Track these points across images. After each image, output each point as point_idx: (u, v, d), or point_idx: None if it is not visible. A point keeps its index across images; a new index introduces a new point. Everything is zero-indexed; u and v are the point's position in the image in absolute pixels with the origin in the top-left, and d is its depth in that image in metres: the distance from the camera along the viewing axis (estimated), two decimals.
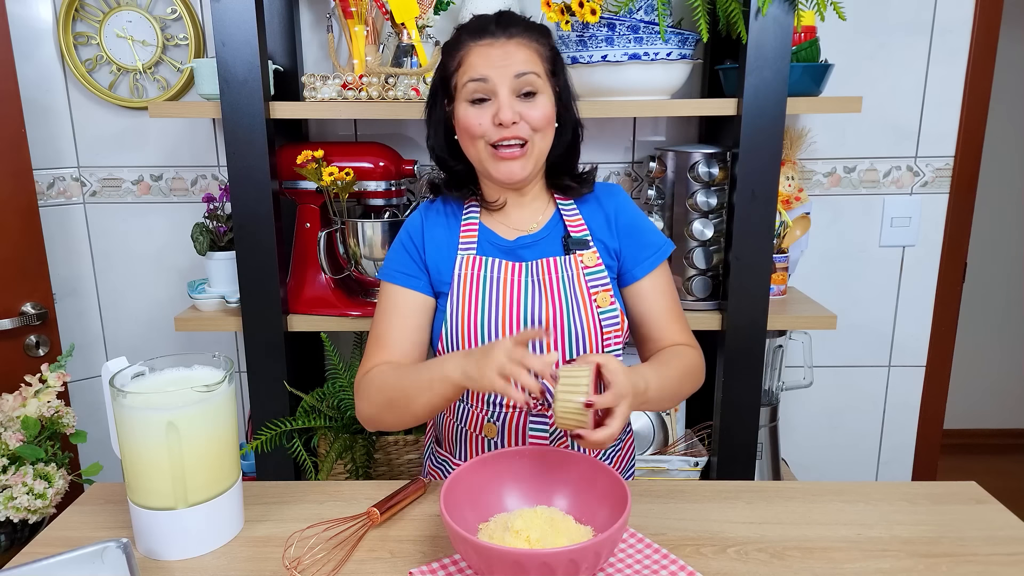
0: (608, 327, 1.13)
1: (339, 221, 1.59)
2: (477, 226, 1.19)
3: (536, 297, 1.13)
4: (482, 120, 1.08)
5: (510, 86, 1.07)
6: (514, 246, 1.17)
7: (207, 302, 1.68)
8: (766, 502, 1.09)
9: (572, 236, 1.17)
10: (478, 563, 0.83)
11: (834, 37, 1.71)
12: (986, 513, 1.06)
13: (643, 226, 1.20)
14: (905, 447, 2.03)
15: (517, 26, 1.09)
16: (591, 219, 1.19)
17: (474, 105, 1.09)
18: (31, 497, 1.15)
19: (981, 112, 1.81)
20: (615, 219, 1.19)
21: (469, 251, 1.16)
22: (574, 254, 1.16)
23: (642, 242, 1.18)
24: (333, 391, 1.67)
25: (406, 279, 1.17)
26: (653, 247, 1.19)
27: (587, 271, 1.15)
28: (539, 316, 1.12)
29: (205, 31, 1.80)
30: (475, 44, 1.08)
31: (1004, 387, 3.29)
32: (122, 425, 0.93)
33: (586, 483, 0.97)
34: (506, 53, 1.07)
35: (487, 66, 1.07)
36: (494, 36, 1.08)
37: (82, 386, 1.96)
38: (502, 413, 1.15)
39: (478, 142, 1.10)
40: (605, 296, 1.14)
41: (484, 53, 1.07)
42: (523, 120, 1.07)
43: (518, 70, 1.06)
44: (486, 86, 1.07)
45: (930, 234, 1.89)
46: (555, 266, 1.15)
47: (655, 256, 1.18)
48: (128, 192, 1.89)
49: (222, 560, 0.96)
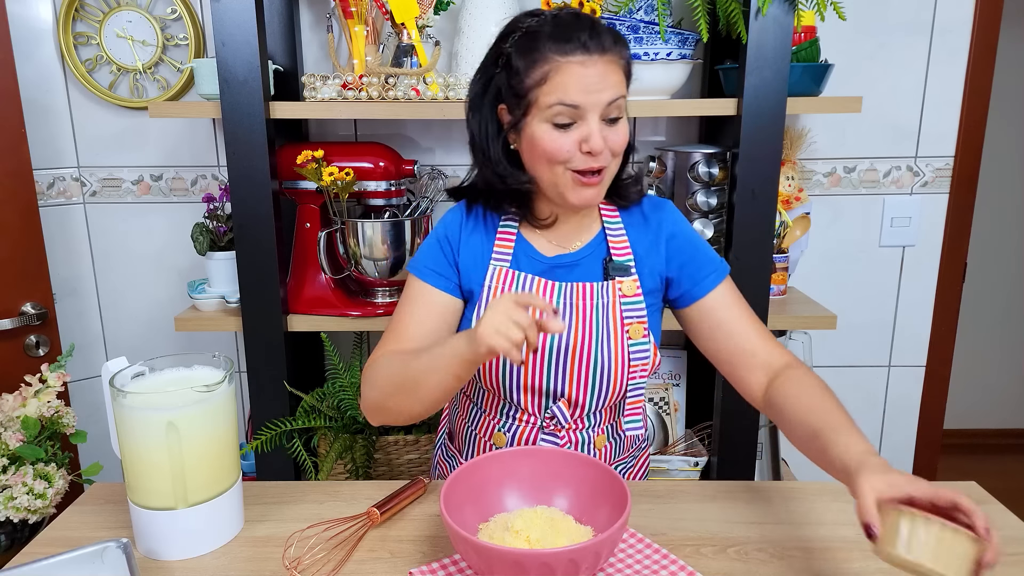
0: (636, 360, 1.08)
1: (339, 221, 1.59)
2: (515, 237, 1.11)
3: (566, 320, 1.08)
4: (568, 146, 0.99)
5: (600, 113, 0.98)
6: (552, 264, 1.10)
7: (207, 302, 1.68)
8: (766, 502, 1.09)
9: (614, 260, 1.10)
10: (478, 563, 0.83)
11: (834, 37, 1.71)
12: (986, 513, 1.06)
13: (698, 243, 1.12)
14: (905, 447, 2.03)
15: (607, 38, 0.98)
16: (637, 241, 1.12)
17: (558, 128, 0.99)
18: (31, 497, 1.15)
19: (981, 112, 1.81)
20: (665, 239, 1.11)
21: (503, 263, 1.10)
22: (613, 280, 1.09)
23: (699, 260, 1.11)
24: (333, 391, 1.67)
25: (435, 277, 1.10)
26: (712, 264, 1.11)
27: (624, 300, 1.08)
28: (567, 340, 1.07)
29: (205, 31, 1.80)
30: (565, 60, 0.96)
31: (1004, 387, 3.29)
32: (122, 425, 0.93)
33: (586, 483, 0.97)
34: (602, 76, 0.97)
35: (581, 91, 0.96)
36: (588, 52, 0.96)
37: (82, 386, 1.96)
38: (514, 425, 1.13)
39: (557, 168, 1.01)
40: (639, 328, 1.08)
41: (578, 75, 0.96)
42: (607, 147, 1.00)
43: (611, 97, 0.98)
44: (576, 112, 0.97)
45: (930, 234, 1.89)
46: (591, 292, 1.08)
47: (715, 274, 1.10)
48: (128, 192, 1.89)
49: (222, 560, 0.96)
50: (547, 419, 1.12)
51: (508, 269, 1.10)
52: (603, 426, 1.14)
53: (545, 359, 1.08)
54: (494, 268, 1.10)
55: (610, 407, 1.13)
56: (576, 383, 1.08)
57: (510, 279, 1.09)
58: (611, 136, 1.00)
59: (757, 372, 1.06)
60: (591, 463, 0.98)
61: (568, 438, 1.12)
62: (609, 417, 1.15)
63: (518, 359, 0.88)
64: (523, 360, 0.90)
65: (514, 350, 0.87)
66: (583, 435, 1.13)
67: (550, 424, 1.12)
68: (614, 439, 1.16)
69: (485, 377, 1.10)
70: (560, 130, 0.99)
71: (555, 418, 1.11)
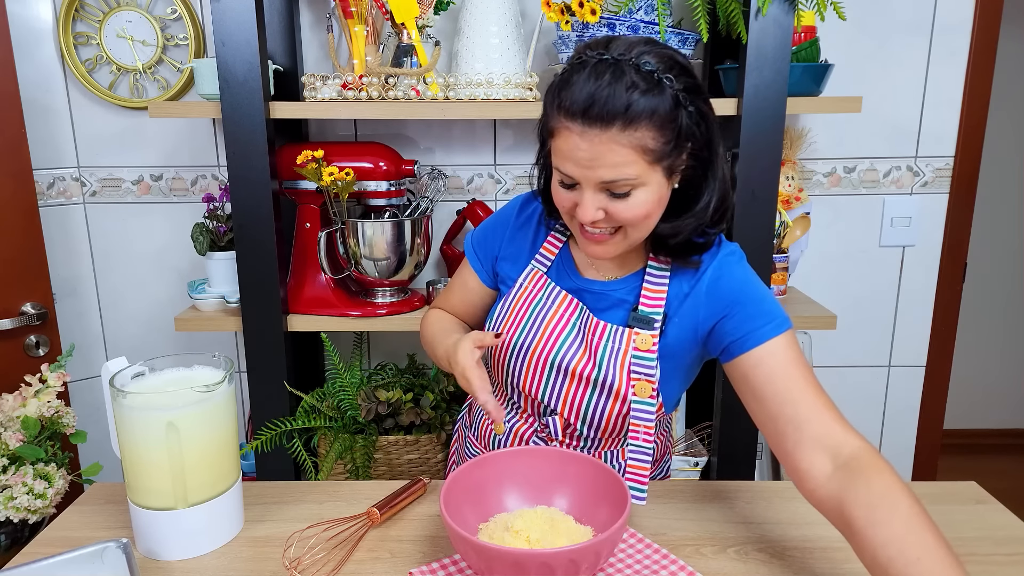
0: (638, 419, 1.01)
1: (339, 221, 1.59)
2: (560, 247, 1.11)
3: (574, 346, 1.05)
4: (565, 203, 0.96)
5: (596, 187, 0.91)
6: (580, 286, 1.08)
7: (207, 302, 1.68)
8: (766, 502, 1.09)
9: (640, 311, 1.02)
10: (478, 563, 0.83)
11: (834, 37, 1.71)
12: (986, 513, 1.06)
13: (755, 295, 0.98)
14: (905, 447, 2.03)
15: (616, 106, 0.85)
16: (678, 288, 1.02)
17: (563, 186, 0.95)
18: (31, 497, 1.15)
19: (981, 112, 1.81)
20: (711, 287, 1.00)
21: (541, 267, 1.11)
22: (631, 329, 1.02)
23: (754, 310, 0.96)
24: (333, 391, 1.67)
25: (474, 260, 1.20)
26: (766, 317, 0.96)
27: (635, 353, 1.01)
28: (570, 362, 1.04)
29: (205, 31, 1.80)
30: (564, 125, 0.89)
31: (1004, 387, 3.29)
32: (122, 425, 0.93)
33: (586, 483, 0.97)
34: (596, 155, 0.87)
35: (573, 162, 0.90)
36: (587, 124, 0.87)
37: (82, 386, 1.96)
38: (514, 419, 1.15)
39: (565, 215, 1.00)
40: (646, 387, 1.01)
41: (572, 145, 0.89)
42: (609, 216, 0.93)
43: (606, 177, 0.89)
44: (572, 179, 0.93)
45: (930, 234, 1.89)
46: (603, 332, 1.03)
47: (768, 327, 0.95)
48: (128, 192, 1.89)
49: (222, 560, 0.96)
50: (543, 425, 1.12)
51: (543, 275, 1.11)
52: (600, 452, 1.11)
53: (544, 374, 1.08)
54: (531, 268, 1.12)
55: (607, 439, 1.10)
56: (570, 406, 1.07)
57: (540, 284, 1.11)
58: (613, 208, 0.92)
59: (806, 452, 0.87)
60: (591, 463, 0.98)
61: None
62: (607, 445, 1.11)
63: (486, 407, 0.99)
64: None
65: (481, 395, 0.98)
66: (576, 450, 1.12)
67: (544, 431, 1.12)
68: (614, 465, 1.12)
69: (493, 367, 1.15)
70: (564, 189, 0.95)
71: (548, 429, 1.11)
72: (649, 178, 0.90)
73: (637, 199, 0.91)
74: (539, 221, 1.14)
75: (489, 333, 1.03)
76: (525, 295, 1.11)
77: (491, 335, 1.02)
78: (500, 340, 1.08)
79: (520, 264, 1.14)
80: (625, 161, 0.88)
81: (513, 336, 1.10)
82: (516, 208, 1.17)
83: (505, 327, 1.11)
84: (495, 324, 1.13)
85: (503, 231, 1.17)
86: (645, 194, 0.91)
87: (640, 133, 0.87)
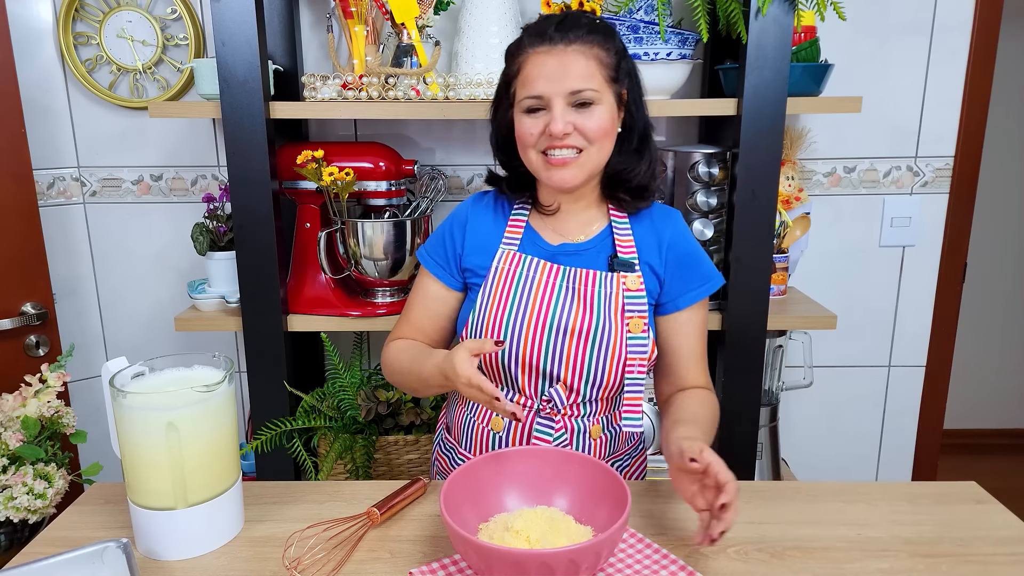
0: (634, 354, 1.11)
1: (339, 221, 1.59)
2: (524, 225, 1.19)
3: (568, 304, 1.12)
4: (534, 130, 1.07)
5: (565, 100, 1.05)
6: (556, 251, 1.16)
7: (207, 302, 1.68)
8: (766, 502, 1.09)
9: (620, 257, 1.14)
10: (478, 563, 0.83)
11: (834, 37, 1.71)
12: (986, 513, 1.06)
13: (697, 256, 1.18)
14: (905, 447, 2.03)
15: (578, 28, 1.05)
16: (642, 240, 1.16)
17: (529, 115, 1.08)
18: (31, 497, 1.15)
19: (981, 112, 1.81)
20: (668, 245, 1.16)
21: (511, 247, 1.17)
22: (618, 274, 1.13)
23: (692, 274, 1.16)
24: (333, 391, 1.67)
25: (436, 268, 1.22)
26: (702, 279, 1.16)
27: (627, 294, 1.12)
28: (567, 321, 1.11)
29: (205, 31, 1.80)
30: (533, 51, 1.06)
31: (1004, 387, 3.29)
32: (122, 425, 0.93)
33: (586, 483, 0.97)
34: (563, 64, 1.04)
35: (542, 78, 1.05)
36: (552, 42, 1.05)
37: (82, 386, 1.96)
38: None
39: (530, 151, 1.10)
40: (638, 323, 1.11)
41: (540, 62, 1.05)
42: (576, 131, 1.06)
43: (573, 87, 1.04)
44: (541, 100, 1.06)
45: (930, 234, 1.89)
46: (594, 279, 1.13)
47: (701, 288, 1.16)
48: (128, 192, 1.89)
49: (222, 560, 0.96)
50: (544, 402, 1.13)
51: (516, 252, 1.16)
52: (599, 416, 1.16)
53: (543, 339, 1.11)
54: (503, 251, 1.17)
55: (606, 398, 1.16)
56: (572, 366, 1.11)
57: (516, 260, 1.16)
58: (581, 121, 1.05)
59: (671, 386, 1.19)
60: (591, 463, 0.98)
61: (564, 424, 1.14)
62: (605, 408, 1.17)
63: (504, 411, 1.00)
64: (518, 417, 1.01)
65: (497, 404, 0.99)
66: (579, 423, 1.15)
67: (546, 408, 1.13)
68: (610, 431, 1.18)
69: (485, 358, 1.14)
70: (530, 116, 1.08)
71: (552, 402, 1.13)
72: (604, 97, 1.07)
73: (598, 113, 1.06)
74: (495, 211, 1.21)
75: (488, 340, 1.02)
76: (505, 275, 1.15)
77: (490, 342, 1.01)
78: (502, 346, 1.10)
79: (489, 251, 1.18)
80: (587, 70, 1.04)
81: (503, 318, 1.12)
82: (468, 206, 1.23)
83: (491, 312, 1.13)
84: (479, 313, 1.14)
85: (459, 230, 1.21)
86: (602, 110, 1.06)
87: (596, 49, 1.05)
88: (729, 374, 1.58)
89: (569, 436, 1.14)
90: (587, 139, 1.06)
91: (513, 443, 1.16)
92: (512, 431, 1.15)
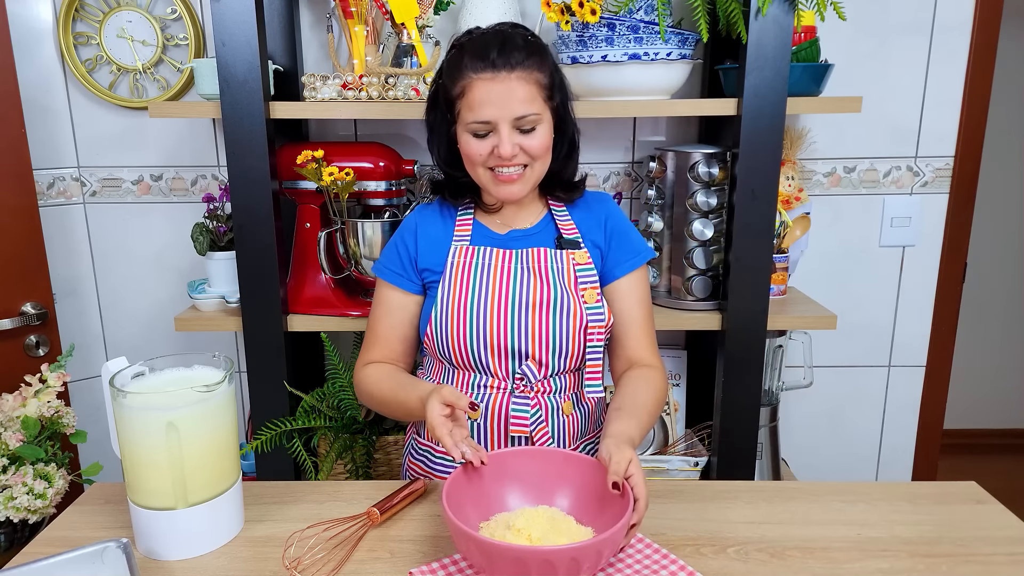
0: (593, 321, 1.18)
1: (339, 221, 1.59)
2: (471, 221, 1.25)
3: (525, 281, 1.18)
4: (483, 151, 1.13)
5: (510, 124, 1.11)
6: (506, 238, 1.23)
7: (207, 302, 1.68)
8: (766, 502, 1.09)
9: (564, 237, 1.23)
10: (480, 560, 0.83)
11: (834, 37, 1.71)
12: (986, 513, 1.06)
13: (629, 231, 1.27)
14: (905, 447, 2.03)
15: (519, 53, 1.10)
16: (582, 222, 1.25)
17: (476, 137, 1.13)
18: (31, 497, 1.15)
19: (981, 112, 1.81)
20: (604, 222, 1.25)
21: (463, 242, 1.23)
22: (566, 251, 1.21)
23: (625, 246, 1.24)
24: (333, 391, 1.67)
25: (394, 276, 1.24)
26: (634, 251, 1.24)
27: (578, 267, 1.21)
28: (527, 296, 1.17)
29: (205, 31, 1.80)
30: (477, 77, 1.10)
31: (1004, 387, 3.29)
32: (122, 425, 0.93)
33: (587, 484, 0.97)
34: (508, 91, 1.09)
35: (489, 105, 1.10)
36: (495, 68, 1.09)
37: (82, 386, 1.96)
38: (486, 394, 1.19)
39: (478, 168, 1.16)
40: (592, 293, 1.19)
41: (486, 89, 1.10)
42: (522, 151, 1.13)
43: (519, 112, 1.10)
44: (488, 125, 1.11)
45: (930, 234, 1.89)
46: (545, 256, 1.20)
47: (635, 259, 1.24)
48: (128, 192, 1.89)
49: (222, 560, 0.96)
50: (517, 380, 1.17)
51: (468, 246, 1.22)
52: (569, 393, 1.22)
53: (508, 317, 1.16)
54: (455, 247, 1.22)
55: (573, 371, 1.22)
56: (539, 339, 1.16)
57: (470, 253, 1.21)
58: (526, 142, 1.12)
59: (622, 361, 1.24)
60: (592, 464, 0.98)
61: (538, 402, 1.18)
62: (573, 384, 1.23)
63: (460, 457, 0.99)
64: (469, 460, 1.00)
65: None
66: (551, 400, 1.19)
67: (520, 386, 1.17)
68: (580, 408, 1.24)
69: (453, 344, 1.17)
70: (477, 139, 1.13)
71: (524, 378, 1.17)
72: (544, 116, 1.14)
73: (540, 133, 1.13)
74: (442, 214, 1.27)
75: (464, 397, 1.01)
76: (461, 266, 1.20)
77: (466, 399, 1.01)
78: (477, 411, 1.16)
79: (442, 250, 1.23)
80: (529, 95, 1.10)
81: (467, 305, 1.17)
82: (414, 215, 1.28)
83: (454, 302, 1.17)
84: (441, 304, 1.18)
85: (410, 236, 1.25)
86: (544, 129, 1.14)
87: (536, 74, 1.12)
88: (729, 374, 1.58)
89: (544, 413, 1.19)
90: (531, 156, 1.14)
91: (492, 425, 1.19)
92: (490, 413, 1.18)
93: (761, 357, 1.57)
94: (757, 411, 1.60)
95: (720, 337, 1.60)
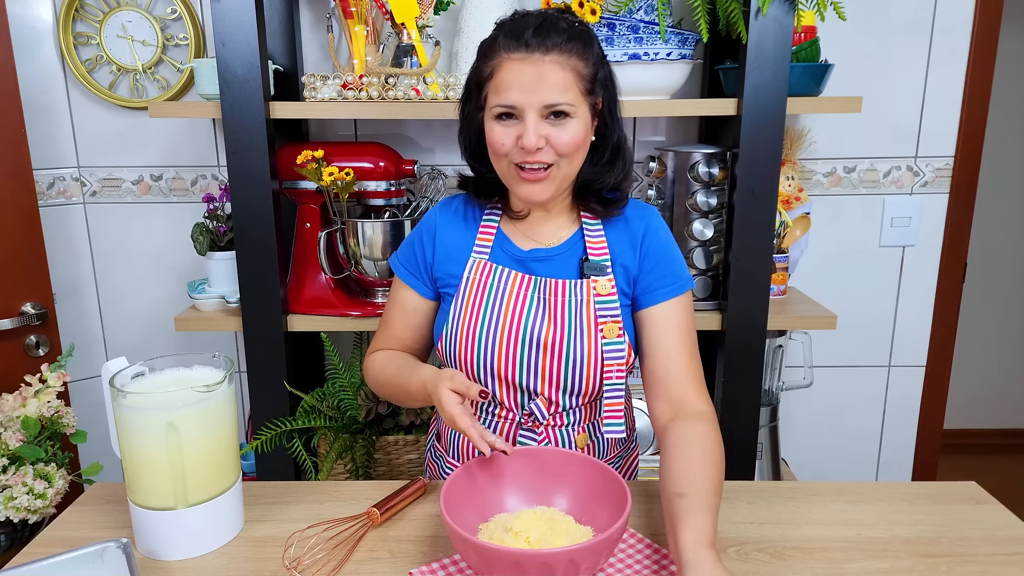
0: (611, 359, 1.08)
1: (339, 221, 1.59)
2: (495, 231, 1.16)
3: (540, 315, 1.09)
4: (507, 140, 1.02)
5: (538, 112, 1.00)
6: (527, 257, 1.13)
7: (207, 302, 1.68)
8: (766, 502, 1.09)
9: (590, 260, 1.11)
10: (478, 563, 0.83)
11: (834, 37, 1.71)
12: (986, 513, 1.06)
13: (668, 254, 1.12)
14: (905, 447, 2.03)
15: (557, 36, 0.99)
16: (615, 240, 1.13)
17: (500, 121, 1.03)
18: (31, 497, 1.15)
19: (981, 112, 1.81)
20: (641, 241, 1.12)
21: (482, 255, 1.14)
22: (588, 279, 1.10)
23: (662, 270, 1.11)
24: (333, 391, 1.67)
25: (410, 278, 1.19)
26: (673, 277, 1.11)
27: (598, 299, 1.09)
28: (539, 335, 1.08)
29: (205, 31, 1.80)
30: (508, 56, 1.00)
31: (1004, 387, 3.29)
32: (122, 425, 0.93)
33: (586, 483, 0.97)
34: (539, 74, 0.98)
35: (517, 88, 0.99)
36: (529, 49, 0.99)
37: (82, 386, 1.96)
38: (494, 422, 1.14)
39: (502, 160, 1.05)
40: (613, 327, 1.08)
41: (516, 70, 0.99)
42: (549, 144, 1.01)
43: (548, 100, 0.99)
44: (514, 109, 1.01)
45: (930, 234, 1.89)
46: (564, 289, 1.10)
47: (669, 288, 1.10)
48: (128, 192, 1.89)
49: (222, 560, 0.96)
50: (525, 416, 1.12)
51: (486, 261, 1.14)
52: (583, 425, 1.14)
53: (517, 354, 1.09)
54: (474, 260, 1.14)
55: (588, 404, 1.14)
56: (548, 380, 1.09)
57: (487, 271, 1.13)
58: (555, 134, 1.01)
59: (663, 403, 1.07)
60: (591, 463, 0.98)
61: (547, 435, 1.13)
62: (589, 416, 1.15)
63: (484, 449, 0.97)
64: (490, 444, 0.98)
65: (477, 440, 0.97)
66: (562, 433, 1.13)
67: (528, 420, 1.12)
68: (595, 439, 1.16)
69: (461, 369, 1.12)
70: (501, 124, 1.03)
71: (533, 415, 1.11)
72: (580, 110, 1.02)
73: (572, 126, 1.01)
74: (465, 216, 1.18)
75: (474, 386, 0.99)
76: (476, 286, 1.13)
77: (476, 388, 0.98)
78: (487, 397, 1.03)
79: (461, 260, 1.15)
80: (564, 84, 0.99)
81: (476, 332, 1.10)
82: (437, 212, 1.20)
83: (464, 325, 1.11)
84: (452, 325, 1.12)
85: (428, 239, 1.18)
86: (577, 124, 1.02)
87: (575, 60, 1.00)
88: (729, 374, 1.58)
89: (554, 446, 1.13)
90: (558, 153, 1.02)
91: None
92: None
93: (761, 357, 1.57)
94: (757, 411, 1.60)
95: (720, 337, 1.60)
